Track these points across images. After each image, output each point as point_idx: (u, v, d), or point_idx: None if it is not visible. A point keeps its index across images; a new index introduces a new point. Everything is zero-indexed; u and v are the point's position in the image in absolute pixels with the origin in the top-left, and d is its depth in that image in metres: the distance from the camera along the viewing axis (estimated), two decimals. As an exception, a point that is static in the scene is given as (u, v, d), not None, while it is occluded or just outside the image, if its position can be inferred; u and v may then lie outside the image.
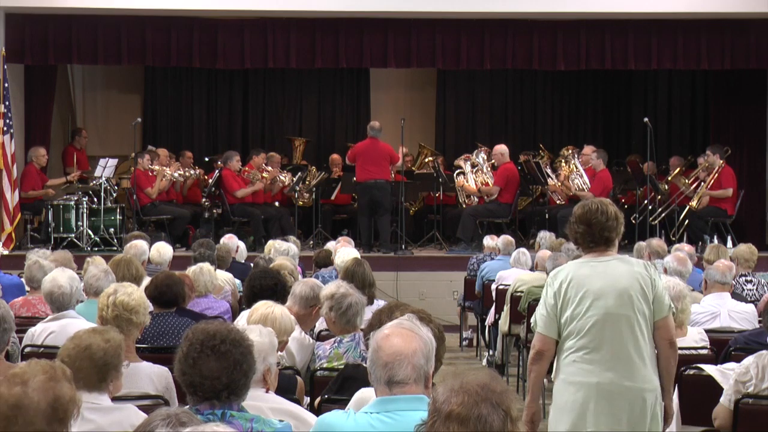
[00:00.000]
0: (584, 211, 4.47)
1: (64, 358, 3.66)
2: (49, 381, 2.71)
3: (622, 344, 4.32)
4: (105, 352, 3.73)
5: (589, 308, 4.34)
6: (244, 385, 3.22)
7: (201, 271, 6.96)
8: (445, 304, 12.09)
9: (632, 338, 4.33)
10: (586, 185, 13.24)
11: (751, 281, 7.77)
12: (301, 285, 5.66)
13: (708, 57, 13.28)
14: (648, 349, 4.36)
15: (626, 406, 4.30)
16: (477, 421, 2.38)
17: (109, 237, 12.46)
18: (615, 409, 4.31)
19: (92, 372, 3.68)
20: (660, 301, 4.40)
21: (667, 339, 4.42)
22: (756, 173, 13.89)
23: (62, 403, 2.71)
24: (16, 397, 2.67)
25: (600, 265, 4.42)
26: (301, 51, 13.30)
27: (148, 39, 13.08)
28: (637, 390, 4.31)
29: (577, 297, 4.37)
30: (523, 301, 8.32)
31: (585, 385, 4.34)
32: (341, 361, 4.95)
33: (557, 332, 4.42)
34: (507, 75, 16.10)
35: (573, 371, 4.37)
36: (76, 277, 5.73)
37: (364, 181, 12.72)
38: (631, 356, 4.32)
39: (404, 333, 3.08)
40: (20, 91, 13.38)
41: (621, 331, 4.33)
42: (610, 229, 4.42)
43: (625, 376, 4.31)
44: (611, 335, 4.33)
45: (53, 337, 5.37)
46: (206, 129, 16.28)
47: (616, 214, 4.44)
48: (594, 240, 4.44)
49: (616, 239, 4.46)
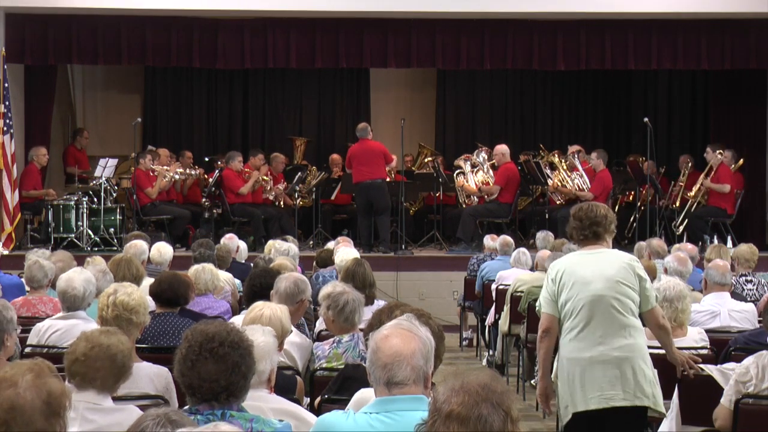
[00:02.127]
0: (577, 210, 5.24)
1: (80, 357, 3.66)
2: (37, 378, 2.72)
3: (609, 322, 4.95)
4: (123, 354, 3.74)
5: (580, 292, 4.98)
6: (243, 386, 3.21)
7: (203, 269, 6.97)
8: (445, 304, 12.09)
9: (618, 316, 4.95)
10: (586, 185, 13.25)
11: (751, 281, 7.77)
12: (284, 282, 5.67)
13: (708, 57, 13.28)
14: (634, 322, 4.99)
15: (617, 371, 4.90)
16: (477, 421, 2.38)
17: (109, 237, 12.46)
18: (608, 375, 4.90)
19: (111, 373, 3.70)
20: (645, 296, 5.04)
21: (655, 324, 5.10)
22: (756, 173, 13.89)
23: (55, 397, 2.72)
24: (9, 400, 2.67)
25: (591, 256, 5.09)
26: (301, 51, 13.30)
27: (148, 39, 13.08)
28: (624, 358, 4.91)
29: (570, 282, 5.02)
30: (523, 301, 8.32)
31: (580, 360, 4.95)
32: (340, 361, 4.95)
33: (558, 311, 5.06)
34: (507, 75, 16.10)
35: (570, 349, 5.00)
36: (92, 279, 5.69)
37: (359, 182, 12.72)
38: (618, 331, 4.95)
39: (403, 334, 3.08)
40: (20, 91, 13.38)
41: (608, 310, 4.96)
42: (597, 224, 5.11)
43: (614, 348, 4.93)
44: (599, 314, 4.96)
45: (58, 335, 5.38)
46: (206, 129, 16.28)
47: (605, 213, 5.14)
48: (584, 234, 5.14)
49: (605, 234, 5.13)
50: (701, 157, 13.58)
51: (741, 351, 5.38)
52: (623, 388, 4.87)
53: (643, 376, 4.91)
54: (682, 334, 5.71)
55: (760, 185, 13.90)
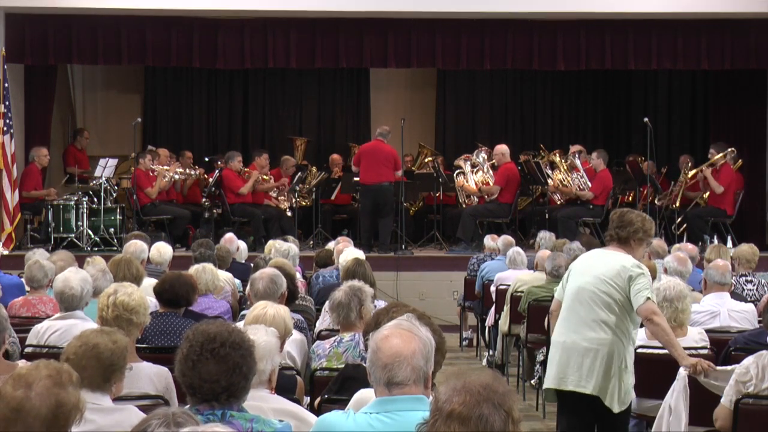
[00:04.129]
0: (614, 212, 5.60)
1: (70, 356, 3.66)
2: (53, 386, 2.71)
3: (586, 313, 5.28)
4: (112, 352, 3.73)
5: (572, 283, 5.40)
6: (244, 387, 3.21)
7: (203, 270, 6.96)
8: (445, 304, 12.09)
9: (595, 309, 5.25)
10: (587, 185, 13.25)
11: (751, 281, 7.77)
12: (261, 282, 5.72)
13: (708, 57, 13.28)
14: (613, 320, 5.24)
15: (579, 359, 5.25)
16: (478, 420, 2.38)
17: (109, 237, 12.46)
18: (571, 362, 5.28)
19: (98, 372, 3.69)
20: (635, 296, 5.21)
21: (646, 318, 5.26)
22: (756, 173, 13.89)
23: (64, 410, 2.70)
24: (18, 400, 2.67)
25: (600, 255, 5.45)
26: (301, 51, 13.30)
27: (148, 39, 13.08)
28: (590, 349, 5.24)
29: (572, 273, 5.46)
30: (523, 301, 8.32)
31: (559, 343, 5.38)
32: (341, 360, 4.96)
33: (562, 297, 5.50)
34: (507, 75, 16.10)
35: (556, 332, 5.45)
36: (88, 279, 5.71)
37: (368, 184, 12.69)
38: (590, 324, 5.26)
39: (403, 334, 3.07)
40: (20, 91, 13.38)
41: (586, 302, 5.28)
42: (621, 228, 5.37)
43: (584, 338, 5.26)
44: (578, 305, 5.32)
45: (57, 335, 5.37)
46: (206, 129, 16.28)
47: (631, 220, 5.36)
48: (609, 235, 5.47)
49: (630, 240, 5.35)
50: (701, 157, 13.58)
51: (741, 351, 5.39)
52: (577, 373, 5.26)
53: (602, 368, 5.19)
54: (682, 334, 5.72)
55: (760, 185, 13.89)
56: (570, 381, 5.28)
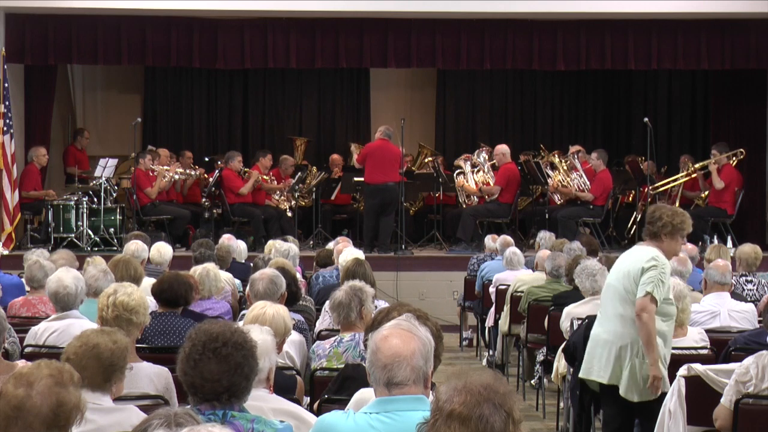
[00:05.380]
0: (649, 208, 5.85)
1: (70, 356, 3.66)
2: (54, 386, 2.70)
3: (611, 307, 5.51)
4: (112, 353, 3.73)
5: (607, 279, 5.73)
6: (245, 387, 3.21)
7: (207, 274, 6.92)
8: (445, 304, 12.09)
9: (617, 305, 5.46)
10: (586, 185, 13.25)
11: (751, 281, 7.77)
12: (260, 282, 5.72)
13: (708, 57, 13.28)
14: (629, 313, 5.39)
15: (603, 353, 5.48)
16: (478, 420, 2.38)
17: (109, 237, 12.46)
18: (596, 353, 5.52)
19: (98, 372, 3.69)
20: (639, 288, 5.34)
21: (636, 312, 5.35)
22: (756, 173, 13.89)
23: (65, 409, 2.70)
24: (18, 398, 2.66)
25: (631, 251, 5.62)
26: (301, 51, 13.30)
27: (148, 39, 13.08)
28: (611, 342, 5.46)
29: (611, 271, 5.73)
30: (523, 301, 8.32)
31: (591, 337, 5.61)
32: (341, 360, 4.96)
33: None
34: (507, 75, 16.09)
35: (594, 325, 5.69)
36: (80, 276, 5.71)
37: (375, 184, 12.65)
38: (612, 318, 5.49)
39: (403, 334, 3.08)
40: (20, 91, 13.38)
41: (611, 298, 5.52)
42: (650, 223, 5.52)
43: (605, 331, 5.51)
44: (606, 300, 5.59)
45: (56, 336, 5.37)
46: (206, 129, 16.27)
47: (659, 215, 5.48)
48: (645, 231, 5.62)
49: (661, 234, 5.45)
50: (701, 157, 13.58)
51: (741, 351, 5.39)
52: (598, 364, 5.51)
53: (616, 359, 5.43)
54: (682, 334, 5.73)
55: (760, 185, 13.90)
56: (594, 371, 5.53)
